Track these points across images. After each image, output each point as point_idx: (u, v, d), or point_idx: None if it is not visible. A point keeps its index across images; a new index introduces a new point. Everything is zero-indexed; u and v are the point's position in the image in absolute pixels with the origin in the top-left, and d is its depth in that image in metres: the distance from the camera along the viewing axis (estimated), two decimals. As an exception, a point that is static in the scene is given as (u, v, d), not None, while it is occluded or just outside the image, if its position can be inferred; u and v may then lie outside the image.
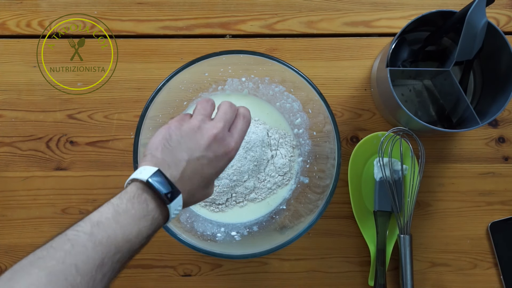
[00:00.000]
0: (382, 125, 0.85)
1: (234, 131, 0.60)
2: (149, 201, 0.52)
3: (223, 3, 0.86)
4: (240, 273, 0.83)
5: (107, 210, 0.50)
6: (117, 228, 0.49)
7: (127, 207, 0.51)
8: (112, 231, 0.49)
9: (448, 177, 0.84)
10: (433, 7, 0.82)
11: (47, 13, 0.85)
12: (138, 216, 0.51)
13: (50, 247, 0.47)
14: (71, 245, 0.47)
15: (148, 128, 0.73)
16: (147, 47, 0.85)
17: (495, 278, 0.83)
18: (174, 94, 0.76)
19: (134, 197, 0.52)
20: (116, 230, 0.49)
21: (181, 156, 0.56)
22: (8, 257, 0.82)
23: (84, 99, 0.84)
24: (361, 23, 0.86)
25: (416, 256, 0.83)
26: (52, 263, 0.45)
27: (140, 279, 0.82)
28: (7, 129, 0.84)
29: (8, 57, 0.84)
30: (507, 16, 0.86)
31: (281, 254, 0.83)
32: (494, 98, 0.77)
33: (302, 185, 0.80)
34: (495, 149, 0.85)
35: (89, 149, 0.84)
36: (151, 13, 0.86)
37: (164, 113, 0.77)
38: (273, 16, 0.86)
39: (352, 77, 0.86)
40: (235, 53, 0.72)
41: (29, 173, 0.83)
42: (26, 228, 0.82)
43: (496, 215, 0.84)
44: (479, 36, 0.73)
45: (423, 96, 0.84)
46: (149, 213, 0.52)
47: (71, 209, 0.83)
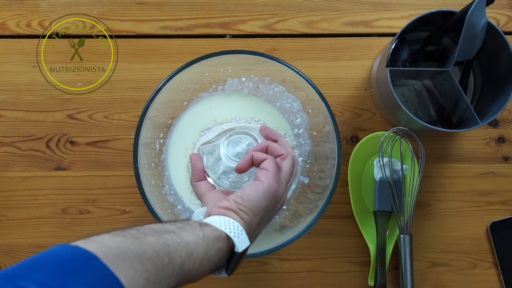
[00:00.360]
0: (382, 125, 0.85)
1: (288, 186, 0.63)
2: (224, 252, 0.53)
3: (223, 3, 0.86)
4: (240, 273, 0.82)
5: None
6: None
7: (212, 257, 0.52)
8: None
9: (448, 177, 0.84)
10: (433, 7, 0.82)
11: (47, 13, 0.85)
12: (213, 265, 0.52)
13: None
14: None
15: (148, 128, 0.73)
16: (147, 47, 0.85)
17: (495, 278, 0.83)
18: (174, 94, 0.76)
19: (221, 250, 0.52)
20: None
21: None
22: (8, 257, 0.82)
23: (84, 99, 0.84)
24: (361, 23, 0.86)
25: (416, 256, 0.83)
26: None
27: (140, 279, 0.82)
28: (7, 129, 0.84)
29: (8, 57, 0.84)
30: (507, 16, 0.86)
31: (281, 254, 0.83)
32: (494, 98, 0.77)
33: (302, 185, 0.80)
34: (495, 149, 0.85)
35: (89, 149, 0.84)
36: (151, 13, 0.86)
37: (164, 113, 0.77)
38: (273, 16, 0.86)
39: (352, 77, 0.86)
40: (235, 53, 0.72)
41: (29, 173, 0.83)
42: (26, 228, 0.82)
43: (496, 215, 0.84)
44: (479, 36, 0.73)
45: (423, 96, 0.84)
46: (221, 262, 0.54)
47: (71, 209, 0.83)
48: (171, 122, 0.80)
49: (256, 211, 0.56)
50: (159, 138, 0.78)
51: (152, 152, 0.77)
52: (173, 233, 0.49)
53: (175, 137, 0.80)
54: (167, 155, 0.80)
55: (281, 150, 0.63)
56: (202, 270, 0.50)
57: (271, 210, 0.59)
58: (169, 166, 0.80)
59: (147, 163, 0.74)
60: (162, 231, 0.49)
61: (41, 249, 0.81)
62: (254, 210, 0.56)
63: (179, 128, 0.80)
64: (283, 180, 0.60)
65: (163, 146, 0.79)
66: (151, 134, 0.75)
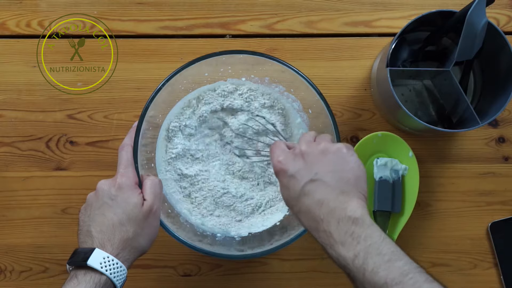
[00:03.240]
0: (382, 125, 0.85)
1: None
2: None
3: (223, 3, 0.86)
4: (240, 273, 0.82)
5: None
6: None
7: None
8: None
9: (448, 177, 0.84)
10: (433, 7, 0.82)
11: (47, 13, 0.85)
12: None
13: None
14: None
15: (148, 128, 0.73)
16: (147, 47, 0.85)
17: (495, 278, 0.83)
18: (174, 94, 0.76)
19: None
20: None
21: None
22: (8, 257, 0.82)
23: (84, 99, 0.84)
24: (361, 23, 0.86)
25: (416, 256, 0.82)
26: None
27: (140, 279, 0.82)
28: (7, 129, 0.84)
29: (8, 57, 0.84)
30: (507, 16, 0.86)
31: (281, 254, 0.83)
32: (494, 98, 0.77)
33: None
34: (495, 149, 0.85)
35: (89, 149, 0.84)
36: (151, 13, 0.86)
37: (164, 113, 0.77)
38: (273, 16, 0.86)
39: (352, 77, 0.86)
40: (235, 53, 0.72)
41: (29, 173, 0.83)
42: (26, 228, 0.82)
43: (496, 215, 0.84)
44: (479, 36, 0.73)
45: (423, 96, 0.84)
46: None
47: (71, 209, 0.83)
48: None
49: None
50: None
51: (152, 152, 0.77)
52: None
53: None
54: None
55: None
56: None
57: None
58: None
59: (147, 163, 0.74)
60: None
61: (41, 249, 0.82)
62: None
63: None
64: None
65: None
66: (151, 134, 0.75)
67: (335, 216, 0.54)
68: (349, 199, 0.55)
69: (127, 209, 0.62)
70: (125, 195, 0.63)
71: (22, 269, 0.82)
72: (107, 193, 0.63)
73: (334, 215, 0.54)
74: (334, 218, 0.54)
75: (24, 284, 0.82)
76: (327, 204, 0.55)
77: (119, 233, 0.61)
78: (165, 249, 0.82)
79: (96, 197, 0.63)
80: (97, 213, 0.62)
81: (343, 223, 0.53)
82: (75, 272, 0.58)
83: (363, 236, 0.52)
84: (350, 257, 0.52)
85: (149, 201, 0.64)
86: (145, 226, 0.63)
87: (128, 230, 0.61)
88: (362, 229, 0.53)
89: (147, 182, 0.66)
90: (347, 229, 0.53)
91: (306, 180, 0.57)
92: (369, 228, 0.53)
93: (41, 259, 0.82)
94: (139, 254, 0.63)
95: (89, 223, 0.62)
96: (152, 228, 0.64)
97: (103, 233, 0.60)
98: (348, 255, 0.52)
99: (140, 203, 0.63)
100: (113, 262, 0.58)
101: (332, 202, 0.55)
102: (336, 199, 0.55)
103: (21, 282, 0.82)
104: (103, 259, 0.58)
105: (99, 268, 0.57)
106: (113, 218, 0.61)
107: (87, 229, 0.62)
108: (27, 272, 0.82)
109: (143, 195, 0.64)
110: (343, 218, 0.54)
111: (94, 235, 0.60)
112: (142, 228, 0.62)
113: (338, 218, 0.54)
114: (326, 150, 0.59)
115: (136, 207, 0.62)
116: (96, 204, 0.63)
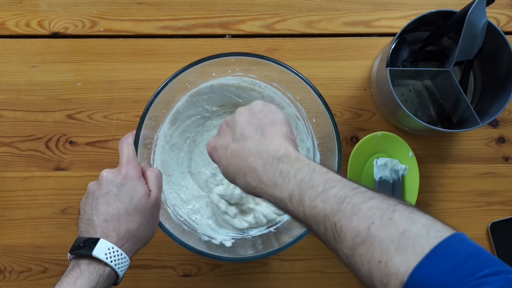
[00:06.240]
0: (382, 125, 0.85)
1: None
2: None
3: (222, 3, 0.86)
4: (240, 273, 0.82)
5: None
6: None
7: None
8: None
9: (448, 177, 0.84)
10: (433, 7, 0.82)
11: (47, 13, 0.85)
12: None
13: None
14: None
15: (148, 128, 0.73)
16: (147, 47, 0.85)
17: (495, 278, 0.83)
18: (174, 94, 0.76)
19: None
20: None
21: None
22: (7, 257, 0.82)
23: (83, 99, 0.84)
24: (361, 23, 0.86)
25: (416, 256, 0.82)
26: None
27: (140, 280, 0.82)
28: (6, 129, 0.84)
29: (8, 57, 0.84)
30: (507, 16, 0.86)
31: (281, 254, 0.82)
32: (494, 98, 0.77)
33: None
34: (495, 149, 0.85)
35: (88, 149, 0.83)
36: (151, 13, 0.86)
37: (164, 113, 0.77)
38: (273, 16, 0.86)
39: (352, 77, 0.86)
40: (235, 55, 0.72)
41: (28, 173, 0.83)
42: (25, 228, 0.82)
43: (496, 215, 0.84)
44: (479, 36, 0.73)
45: (423, 96, 0.84)
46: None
47: (71, 209, 0.83)
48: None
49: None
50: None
51: (152, 152, 0.77)
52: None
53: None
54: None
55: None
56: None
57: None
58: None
59: (147, 164, 0.74)
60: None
61: (40, 249, 0.82)
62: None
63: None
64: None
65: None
66: (151, 134, 0.75)
67: (262, 160, 0.52)
68: (270, 141, 0.53)
69: (135, 199, 0.60)
70: (132, 183, 0.61)
71: (21, 270, 0.82)
72: (112, 181, 0.61)
73: (260, 159, 0.52)
74: (260, 162, 0.52)
75: (24, 284, 0.82)
76: (251, 153, 0.53)
77: (125, 223, 0.59)
78: (165, 249, 0.82)
79: (99, 186, 0.62)
80: (101, 201, 0.60)
81: (269, 165, 0.51)
82: (77, 261, 0.57)
83: (292, 172, 0.50)
84: (287, 197, 0.50)
85: (155, 192, 0.63)
86: (150, 217, 0.62)
87: (135, 220, 0.60)
88: (289, 165, 0.51)
89: (150, 174, 0.65)
90: (274, 170, 0.51)
91: (229, 143, 0.56)
92: (296, 163, 0.51)
93: (41, 259, 0.82)
94: (142, 245, 0.62)
95: (91, 211, 0.60)
96: (155, 219, 0.64)
97: (107, 222, 0.59)
98: (284, 195, 0.50)
99: (147, 193, 0.62)
100: (118, 253, 0.57)
101: (254, 149, 0.53)
102: (258, 146, 0.53)
103: (21, 283, 0.82)
104: (108, 250, 0.57)
105: (104, 259, 0.56)
106: (119, 207, 0.60)
107: (88, 218, 0.60)
108: (27, 272, 0.82)
109: (148, 186, 0.63)
110: (268, 160, 0.52)
111: (97, 224, 0.59)
112: (147, 219, 0.62)
113: (264, 162, 0.52)
114: (240, 112, 0.58)
115: (144, 197, 0.61)
116: (99, 193, 0.61)
